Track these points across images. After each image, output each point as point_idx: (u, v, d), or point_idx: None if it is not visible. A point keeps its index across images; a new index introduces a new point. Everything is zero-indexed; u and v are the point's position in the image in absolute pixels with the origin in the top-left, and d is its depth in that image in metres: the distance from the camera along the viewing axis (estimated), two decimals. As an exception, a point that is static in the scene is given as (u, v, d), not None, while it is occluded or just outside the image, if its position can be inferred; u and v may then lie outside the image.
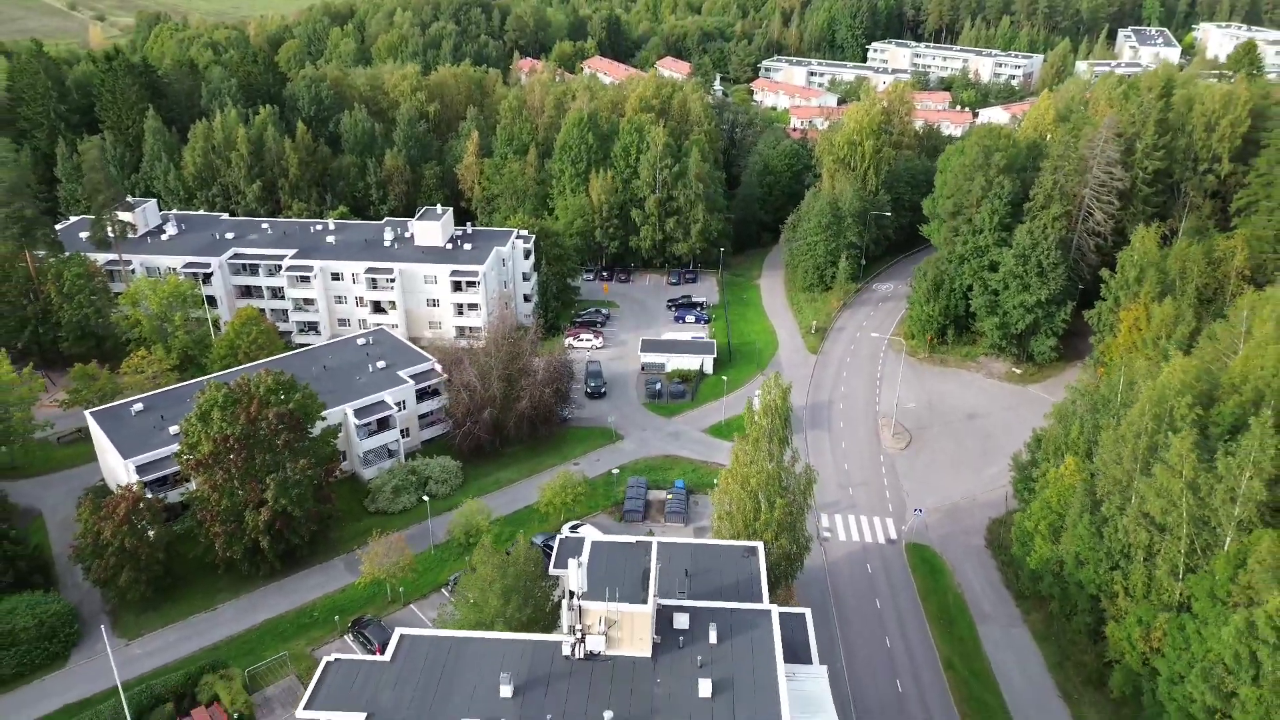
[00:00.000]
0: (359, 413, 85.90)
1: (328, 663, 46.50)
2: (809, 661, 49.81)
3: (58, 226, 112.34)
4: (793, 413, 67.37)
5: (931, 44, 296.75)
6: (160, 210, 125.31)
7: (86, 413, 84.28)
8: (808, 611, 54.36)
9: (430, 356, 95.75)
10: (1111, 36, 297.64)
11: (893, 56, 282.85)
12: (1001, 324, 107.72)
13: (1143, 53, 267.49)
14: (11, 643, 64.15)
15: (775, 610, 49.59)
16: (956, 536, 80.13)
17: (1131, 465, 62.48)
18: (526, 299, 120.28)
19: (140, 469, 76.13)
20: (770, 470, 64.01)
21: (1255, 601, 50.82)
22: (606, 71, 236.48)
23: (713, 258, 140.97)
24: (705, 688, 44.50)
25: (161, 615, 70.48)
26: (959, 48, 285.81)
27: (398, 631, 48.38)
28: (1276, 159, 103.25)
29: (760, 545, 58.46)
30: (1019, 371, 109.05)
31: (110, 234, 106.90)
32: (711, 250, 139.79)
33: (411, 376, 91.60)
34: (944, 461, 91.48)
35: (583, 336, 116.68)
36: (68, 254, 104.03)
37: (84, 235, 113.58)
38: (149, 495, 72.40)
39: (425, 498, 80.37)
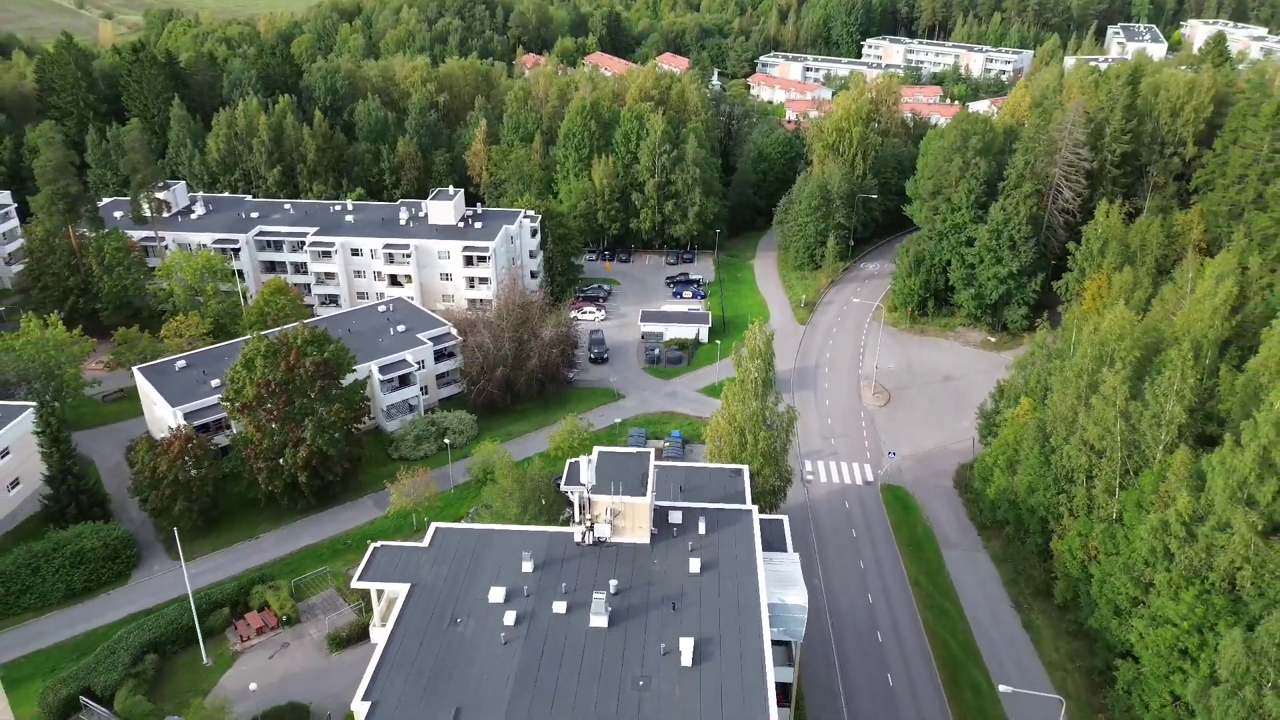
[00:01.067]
0: (383, 369, 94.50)
1: (375, 547, 55.16)
2: (784, 551, 58.32)
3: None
4: (779, 374, 75.90)
5: (925, 40, 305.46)
6: (188, 192, 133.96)
7: (135, 369, 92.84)
8: (785, 518, 62.92)
9: (446, 321, 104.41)
10: (1101, 33, 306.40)
11: (887, 52, 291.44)
12: (977, 295, 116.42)
13: (1130, 48, 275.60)
14: (81, 561, 72.71)
15: (755, 510, 58.21)
16: (927, 479, 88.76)
17: (1075, 401, 71.11)
18: (533, 275, 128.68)
19: (186, 416, 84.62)
20: (755, 408, 72.50)
21: (1171, 506, 59.33)
22: (607, 67, 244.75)
23: (709, 239, 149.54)
24: (695, 565, 53.10)
25: (209, 542, 79.01)
26: (951, 44, 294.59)
27: (433, 526, 57.03)
28: (1231, 140, 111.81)
29: (746, 468, 66.99)
30: (993, 339, 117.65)
31: (148, 211, 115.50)
32: (708, 232, 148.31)
33: (430, 339, 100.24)
34: (919, 417, 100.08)
35: (586, 309, 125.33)
36: (107, 230, 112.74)
37: (118, 214, 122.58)
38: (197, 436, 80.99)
39: (447, 441, 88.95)
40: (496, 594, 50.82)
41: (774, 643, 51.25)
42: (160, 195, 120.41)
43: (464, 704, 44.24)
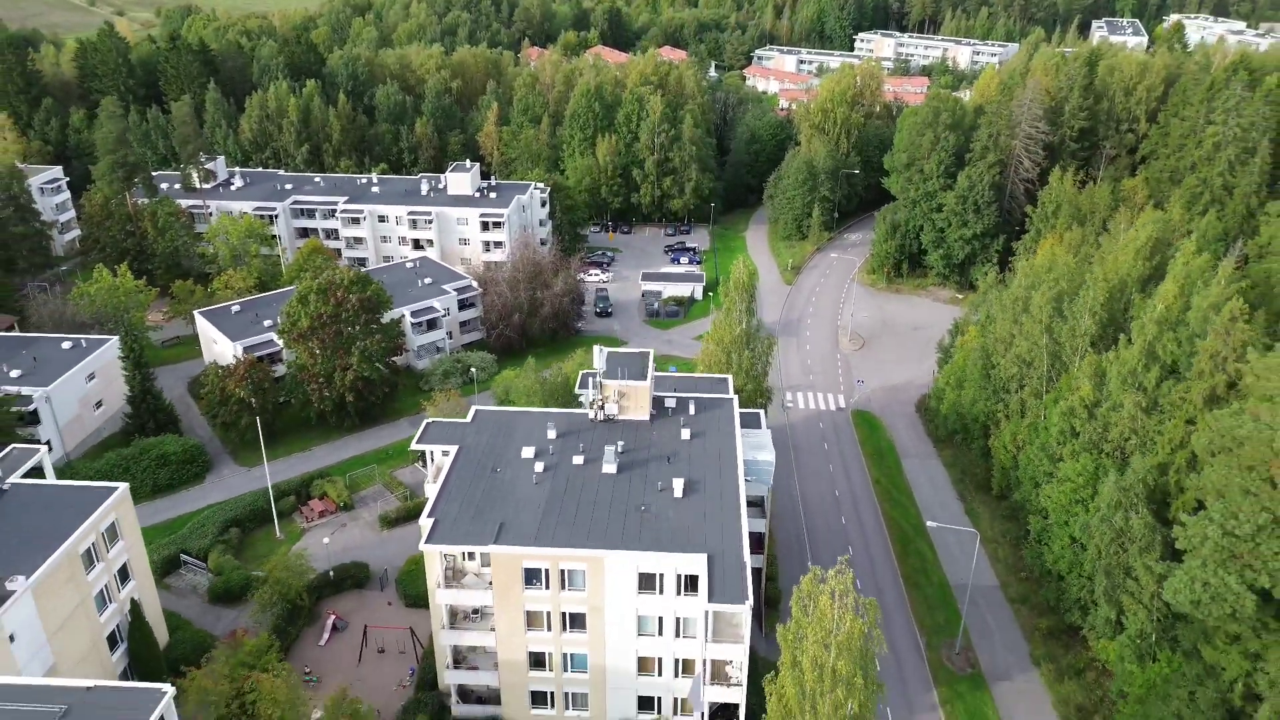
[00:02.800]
0: (413, 314, 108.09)
1: (428, 422, 68.74)
2: (758, 429, 71.87)
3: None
4: (768, 325, 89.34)
5: (915, 34, 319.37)
6: (226, 167, 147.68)
7: (196, 312, 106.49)
8: (761, 412, 76.40)
9: (467, 275, 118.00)
10: (1085, 28, 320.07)
11: (878, 46, 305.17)
12: (946, 255, 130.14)
13: (1112, 42, 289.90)
14: (164, 463, 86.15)
15: (736, 397, 71.80)
16: (893, 405, 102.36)
17: (1011, 324, 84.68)
18: (543, 243, 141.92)
19: (244, 349, 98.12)
20: (739, 332, 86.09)
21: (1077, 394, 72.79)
22: (608, 59, 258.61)
23: (705, 213, 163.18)
24: (686, 434, 66.68)
25: (270, 453, 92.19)
26: (940, 38, 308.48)
27: (473, 408, 70.62)
28: (1173, 114, 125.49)
29: (729, 376, 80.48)
30: (960, 296, 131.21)
31: (197, 180, 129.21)
32: (704, 206, 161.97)
33: (454, 289, 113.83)
34: (889, 358, 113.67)
35: (592, 272, 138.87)
36: (159, 197, 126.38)
37: (163, 186, 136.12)
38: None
39: (471, 373, 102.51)
40: (527, 452, 64.42)
41: (749, 503, 64.72)
42: (209, 165, 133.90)
43: (505, 521, 57.78)
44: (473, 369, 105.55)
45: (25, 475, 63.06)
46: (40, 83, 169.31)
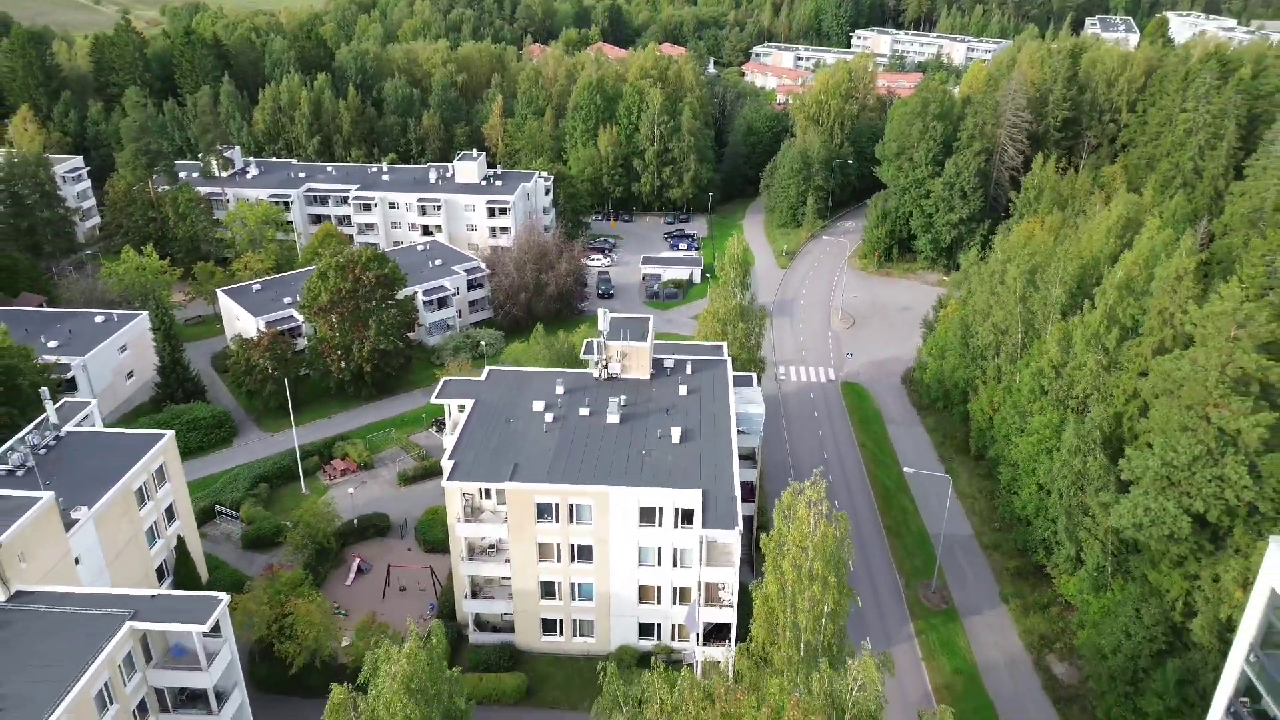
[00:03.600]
0: (425, 293, 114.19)
1: (445, 380, 74.88)
2: (750, 387, 78.01)
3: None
4: (763, 305, 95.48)
5: (910, 31, 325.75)
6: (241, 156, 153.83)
7: (219, 290, 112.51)
8: (754, 374, 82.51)
9: (475, 257, 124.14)
10: (1079, 25, 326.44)
11: (875, 43, 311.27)
12: (934, 240, 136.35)
13: (1105, 39, 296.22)
14: (195, 427, 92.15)
15: (729, 358, 77.96)
16: (880, 378, 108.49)
17: (989, 296, 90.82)
18: (546, 229, 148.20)
19: (267, 324, 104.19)
20: (734, 303, 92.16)
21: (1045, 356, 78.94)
22: (609, 55, 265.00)
23: (703, 203, 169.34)
24: (682, 390, 72.84)
25: (293, 420, 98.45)
26: (935, 34, 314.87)
27: (487, 368, 76.75)
28: (1150, 103, 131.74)
29: (724, 344, 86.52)
30: (948, 279, 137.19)
31: (216, 167, 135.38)
32: (702, 196, 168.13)
33: (463, 270, 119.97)
34: (878, 336, 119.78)
35: (594, 257, 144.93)
36: (180, 184, 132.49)
37: (181, 174, 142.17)
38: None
39: (482, 344, 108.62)
40: (538, 405, 70.56)
41: (742, 456, 70.75)
42: (227, 153, 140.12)
43: (519, 463, 63.91)
44: (482, 343, 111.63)
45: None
46: (59, 76, 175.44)
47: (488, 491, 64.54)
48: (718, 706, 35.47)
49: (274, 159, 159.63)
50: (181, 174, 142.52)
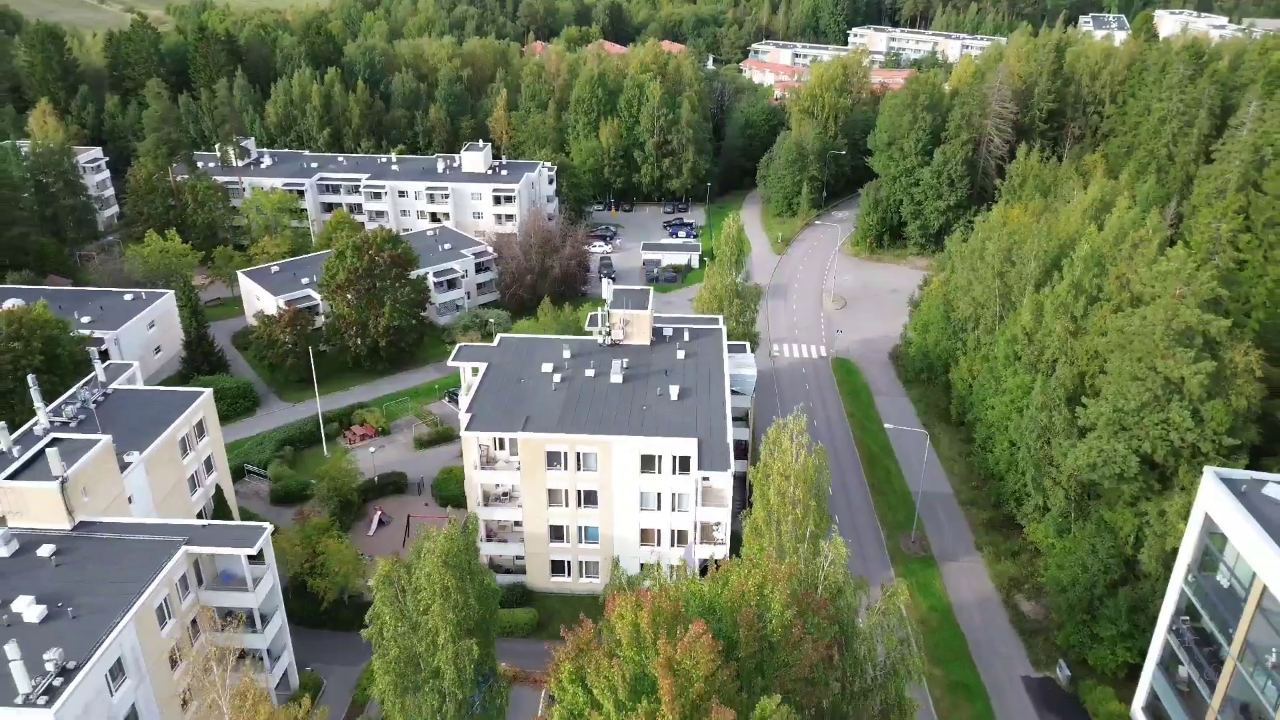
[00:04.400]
0: (436, 274, 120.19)
1: (460, 345, 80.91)
2: (743, 353, 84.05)
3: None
4: (757, 284, 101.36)
5: (906, 29, 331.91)
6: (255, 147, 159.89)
7: (239, 273, 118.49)
8: (747, 343, 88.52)
9: (483, 241, 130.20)
10: (1072, 23, 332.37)
11: (871, 40, 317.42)
12: (923, 226, 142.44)
13: (1097, 36, 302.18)
14: (220, 397, 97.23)
15: (724, 327, 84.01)
16: (869, 354, 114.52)
17: (969, 272, 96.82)
18: (550, 219, 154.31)
19: (287, 302, 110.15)
20: (729, 280, 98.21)
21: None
22: (609, 53, 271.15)
23: (701, 193, 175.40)
24: (680, 355, 78.88)
25: (310, 390, 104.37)
26: (930, 32, 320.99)
27: (499, 335, 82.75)
28: (1129, 94, 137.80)
29: (720, 316, 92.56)
30: (935, 262, 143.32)
31: (234, 157, 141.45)
32: (701, 186, 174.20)
33: (471, 253, 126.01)
34: (868, 316, 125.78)
35: (596, 243, 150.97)
36: (199, 172, 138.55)
37: (200, 165, 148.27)
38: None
39: (490, 322, 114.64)
40: (546, 367, 76.59)
41: (735, 417, 76.71)
42: (245, 143, 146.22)
43: (530, 416, 69.93)
44: (490, 322, 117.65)
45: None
46: (76, 71, 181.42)
47: (501, 442, 70.51)
48: (707, 576, 41.29)
49: (286, 150, 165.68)
50: (199, 164, 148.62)
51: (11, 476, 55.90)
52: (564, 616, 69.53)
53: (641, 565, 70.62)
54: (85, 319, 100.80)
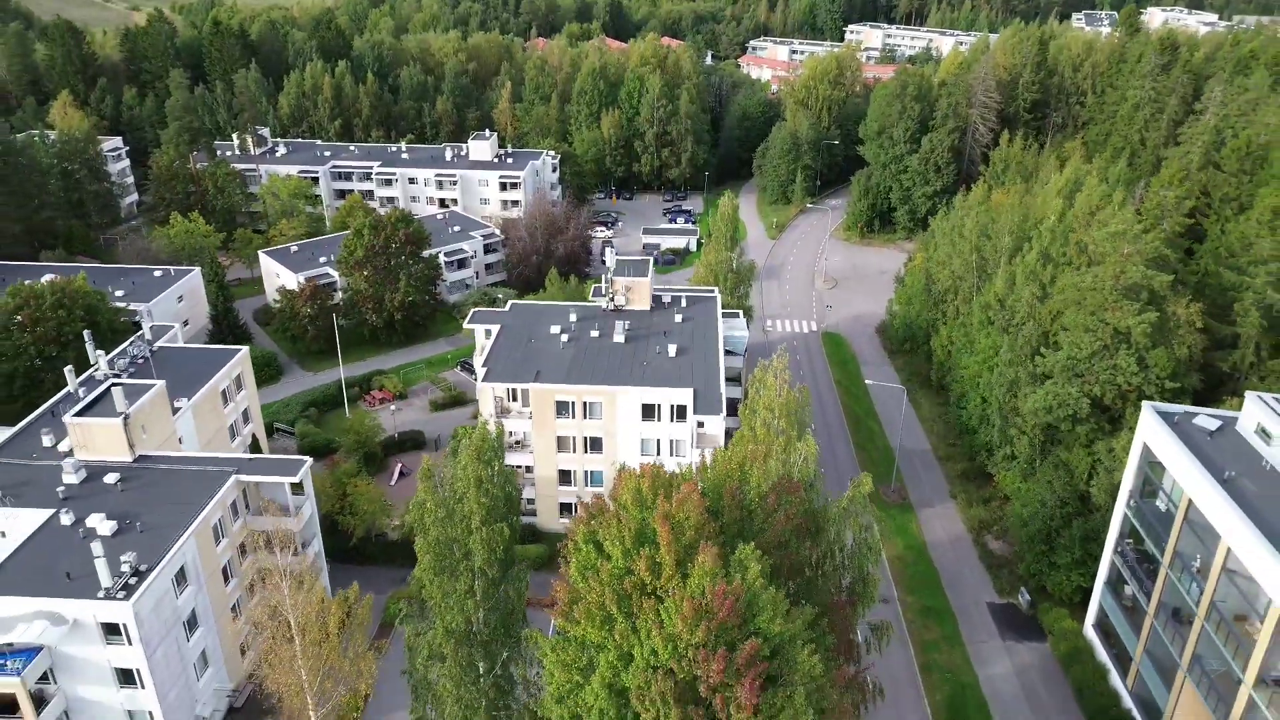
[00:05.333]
0: (446, 254, 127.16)
1: (475, 310, 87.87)
2: (737, 318, 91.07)
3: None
4: (752, 264, 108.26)
5: (901, 25, 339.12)
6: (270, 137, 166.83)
7: (261, 252, 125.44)
8: (740, 312, 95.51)
9: (490, 224, 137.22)
10: (1066, 20, 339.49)
11: (867, 37, 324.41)
12: (911, 210, 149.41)
13: (1088, 32, 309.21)
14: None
15: (719, 294, 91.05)
16: (857, 328, 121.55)
17: (949, 246, 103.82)
18: (554, 205, 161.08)
19: (306, 279, 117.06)
20: (725, 256, 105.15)
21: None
22: (610, 48, 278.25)
23: (699, 182, 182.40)
24: (678, 319, 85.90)
25: (330, 361, 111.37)
26: (925, 29, 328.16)
27: (510, 301, 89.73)
28: (1106, 84, 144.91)
29: (716, 288, 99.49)
30: (921, 243, 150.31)
31: (252, 144, 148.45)
32: (699, 175, 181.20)
33: (480, 235, 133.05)
34: (857, 295, 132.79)
35: (599, 229, 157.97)
36: (218, 159, 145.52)
37: (217, 153, 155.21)
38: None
39: (499, 298, 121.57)
40: (554, 329, 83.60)
41: (728, 378, 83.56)
42: (262, 131, 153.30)
43: (541, 370, 76.92)
44: (499, 298, 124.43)
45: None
46: (95, 64, 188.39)
47: (514, 393, 77.37)
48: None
49: (300, 139, 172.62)
50: (216, 153, 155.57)
51: (80, 413, 62.87)
52: (571, 552, 76.67)
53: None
54: (118, 293, 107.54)
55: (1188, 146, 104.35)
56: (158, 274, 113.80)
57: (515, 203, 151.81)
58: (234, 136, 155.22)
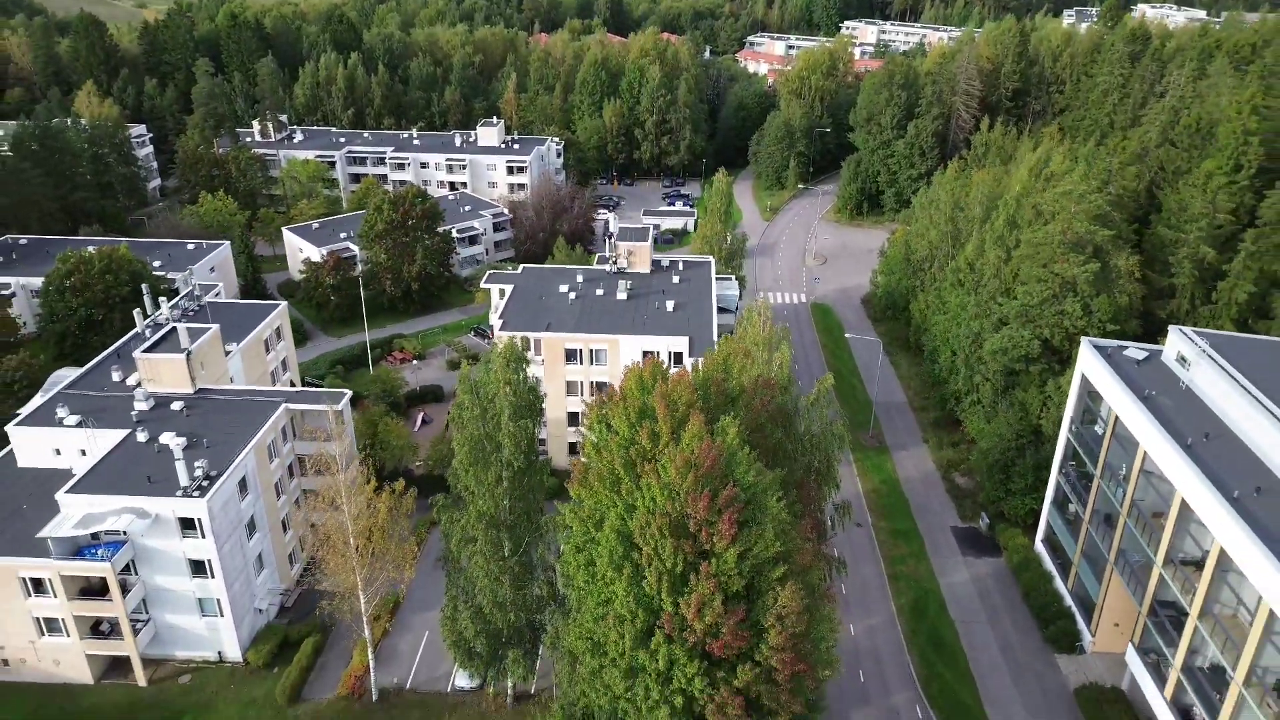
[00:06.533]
0: (459, 231, 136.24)
1: (489, 272, 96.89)
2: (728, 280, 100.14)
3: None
4: (747, 243, 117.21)
5: (896, 22, 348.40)
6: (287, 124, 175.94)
7: (285, 229, 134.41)
8: (733, 277, 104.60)
9: (499, 204, 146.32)
10: (1057, 16, 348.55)
11: (862, 33, 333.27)
12: (897, 193, 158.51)
13: (1069, 25, 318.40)
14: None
15: (713, 260, 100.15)
16: (844, 300, 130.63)
17: (927, 219, 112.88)
18: (559, 189, 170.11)
19: (329, 252, 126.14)
20: (718, 228, 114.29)
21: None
22: (610, 43, 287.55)
23: (697, 169, 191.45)
24: (675, 280, 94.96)
25: (351, 328, 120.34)
26: (920, 25, 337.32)
27: (521, 266, 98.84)
28: (1082, 72, 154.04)
29: (710, 257, 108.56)
30: (903, 219, 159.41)
31: (273, 130, 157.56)
32: (696, 163, 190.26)
33: (489, 214, 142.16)
34: (846, 271, 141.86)
35: (601, 212, 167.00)
36: (241, 144, 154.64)
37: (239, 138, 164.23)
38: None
39: (508, 270, 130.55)
40: (563, 288, 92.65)
41: (720, 334, 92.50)
42: (281, 117, 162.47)
43: (551, 322, 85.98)
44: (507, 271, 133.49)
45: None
46: (116, 56, 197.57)
47: (527, 342, 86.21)
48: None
49: (315, 127, 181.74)
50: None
51: (148, 350, 71.91)
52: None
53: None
54: (156, 263, 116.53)
55: (1148, 126, 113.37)
56: (190, 247, 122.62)
57: (521, 186, 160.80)
58: (254, 123, 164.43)
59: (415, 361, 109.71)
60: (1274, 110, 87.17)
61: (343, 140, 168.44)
